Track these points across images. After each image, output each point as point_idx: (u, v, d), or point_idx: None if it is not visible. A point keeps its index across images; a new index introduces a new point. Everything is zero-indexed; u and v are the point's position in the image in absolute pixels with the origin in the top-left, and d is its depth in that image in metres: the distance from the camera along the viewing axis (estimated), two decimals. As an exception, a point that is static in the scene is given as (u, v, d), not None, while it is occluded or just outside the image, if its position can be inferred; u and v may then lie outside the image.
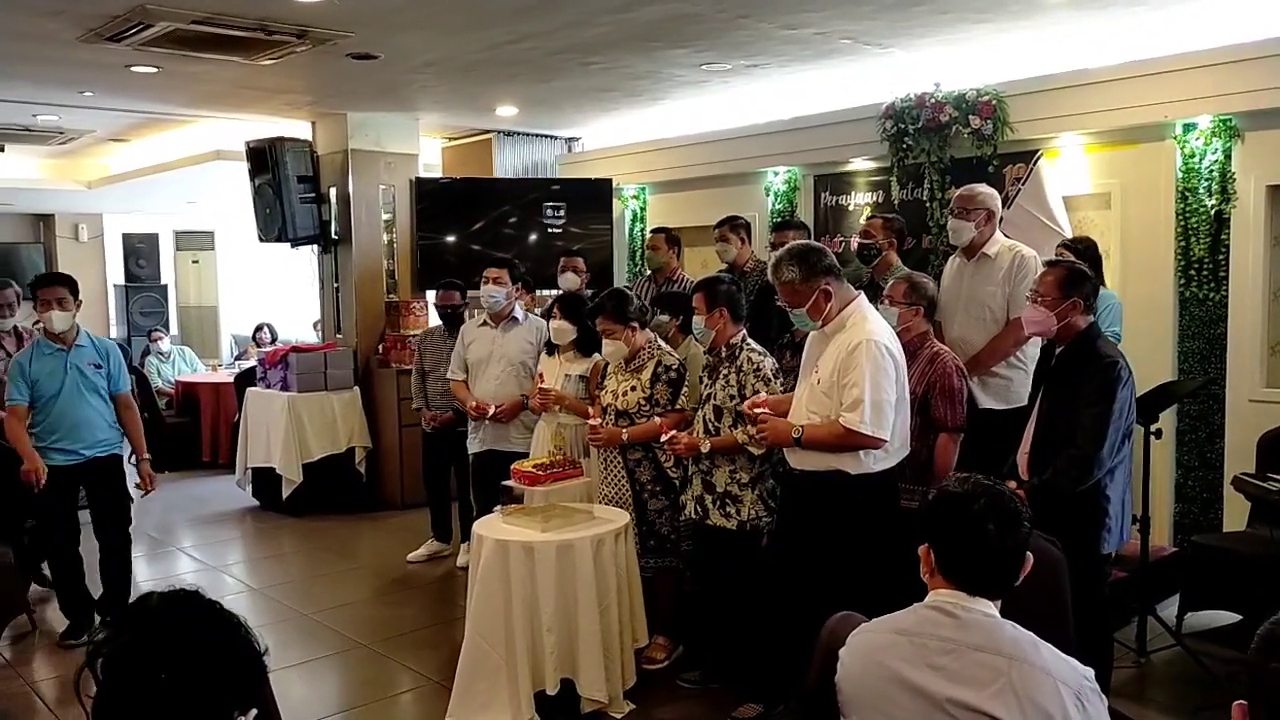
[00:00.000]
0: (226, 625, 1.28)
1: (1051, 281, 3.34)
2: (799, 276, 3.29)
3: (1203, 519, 4.91)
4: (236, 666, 1.28)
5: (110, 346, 4.76)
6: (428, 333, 6.13)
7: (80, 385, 4.55)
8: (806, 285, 3.29)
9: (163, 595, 1.28)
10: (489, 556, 3.65)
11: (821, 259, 3.32)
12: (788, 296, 3.35)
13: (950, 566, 1.80)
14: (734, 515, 3.76)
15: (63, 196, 11.15)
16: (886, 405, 3.18)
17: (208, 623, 1.27)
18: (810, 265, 3.29)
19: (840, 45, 5.18)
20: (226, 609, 1.33)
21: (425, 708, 4.01)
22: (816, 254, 3.34)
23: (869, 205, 6.35)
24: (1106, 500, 3.29)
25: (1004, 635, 1.71)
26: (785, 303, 3.39)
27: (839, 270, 3.35)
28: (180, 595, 1.28)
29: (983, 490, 1.83)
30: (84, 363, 4.58)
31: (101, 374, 4.63)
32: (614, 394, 4.20)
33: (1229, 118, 4.74)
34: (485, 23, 4.75)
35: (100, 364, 4.63)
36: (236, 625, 1.30)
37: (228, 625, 1.29)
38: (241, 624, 1.32)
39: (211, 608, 1.30)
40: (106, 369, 4.65)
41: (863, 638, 1.83)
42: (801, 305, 3.32)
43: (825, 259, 3.33)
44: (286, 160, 7.07)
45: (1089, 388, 3.22)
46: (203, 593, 1.31)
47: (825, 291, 3.28)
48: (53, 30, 4.76)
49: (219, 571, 5.87)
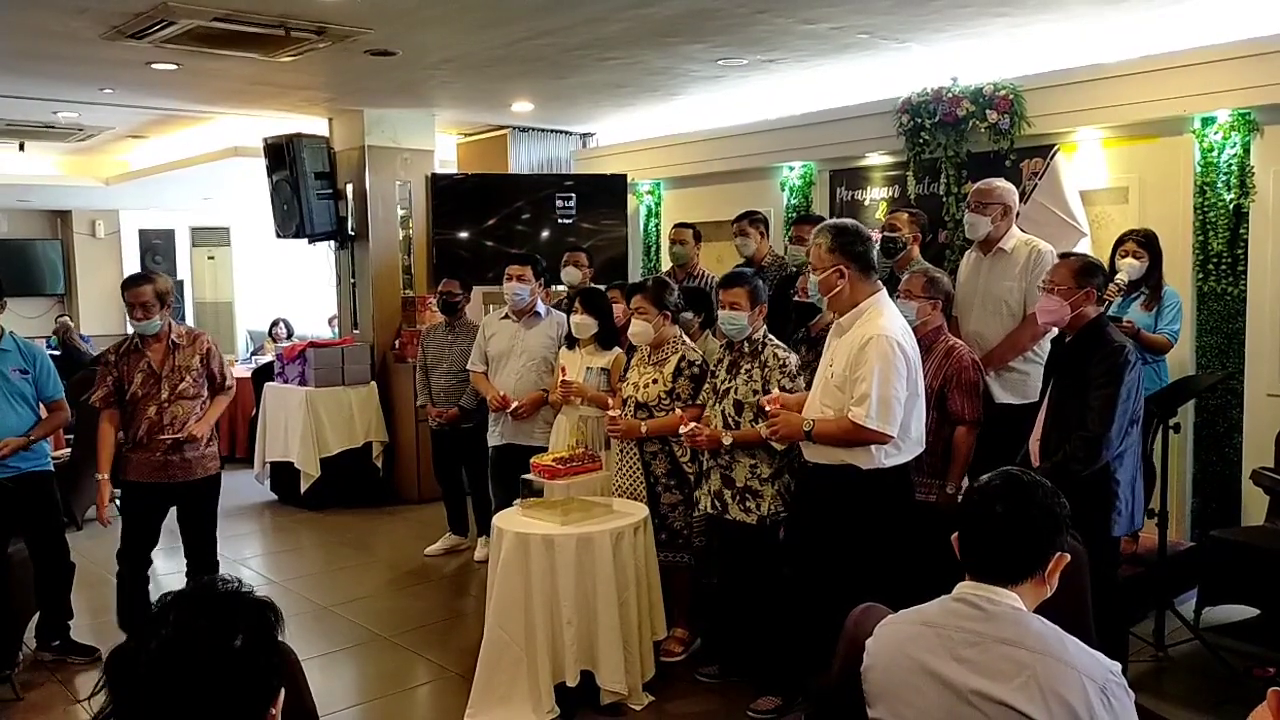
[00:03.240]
0: (266, 620, 1.30)
1: (1066, 271, 3.37)
2: (827, 245, 3.32)
3: (1221, 514, 4.90)
4: (275, 661, 1.30)
5: (37, 352, 4.40)
6: (430, 329, 6.15)
7: (3, 391, 4.19)
8: (829, 255, 3.31)
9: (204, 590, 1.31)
10: (509, 550, 3.68)
11: (853, 244, 3.32)
12: (813, 258, 3.39)
13: (965, 551, 1.82)
14: (754, 510, 3.78)
15: (80, 193, 11.21)
16: (895, 401, 3.19)
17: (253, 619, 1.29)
18: (841, 241, 3.31)
19: (857, 40, 5.18)
20: (260, 598, 1.35)
21: (444, 700, 4.04)
22: (853, 236, 3.34)
23: (885, 200, 6.35)
24: (1116, 484, 3.32)
25: (1030, 629, 1.72)
26: (810, 263, 3.43)
27: (868, 263, 3.34)
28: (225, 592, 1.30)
29: (1004, 478, 1.85)
30: (8, 369, 4.22)
31: (28, 380, 4.28)
32: (635, 386, 4.22)
33: (1248, 112, 4.73)
34: (504, 19, 4.77)
35: (26, 370, 4.28)
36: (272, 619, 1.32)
37: (267, 620, 1.31)
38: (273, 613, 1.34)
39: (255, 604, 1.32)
40: (33, 375, 4.31)
41: (890, 629, 1.85)
42: (818, 271, 3.36)
43: (857, 246, 3.32)
44: (304, 156, 7.11)
45: (1097, 371, 3.26)
46: (250, 590, 1.33)
47: (839, 271, 3.29)
48: (76, 28, 4.81)
49: (238, 565, 5.92)
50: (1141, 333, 4.32)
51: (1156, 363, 4.43)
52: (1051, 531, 1.81)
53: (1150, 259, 4.45)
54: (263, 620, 1.29)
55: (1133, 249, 4.44)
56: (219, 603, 1.28)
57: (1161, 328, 4.42)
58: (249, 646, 1.25)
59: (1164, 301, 4.45)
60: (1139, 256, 4.42)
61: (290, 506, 7.16)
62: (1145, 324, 4.39)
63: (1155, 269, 4.47)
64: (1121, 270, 4.40)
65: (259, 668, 1.26)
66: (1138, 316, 4.41)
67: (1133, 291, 4.47)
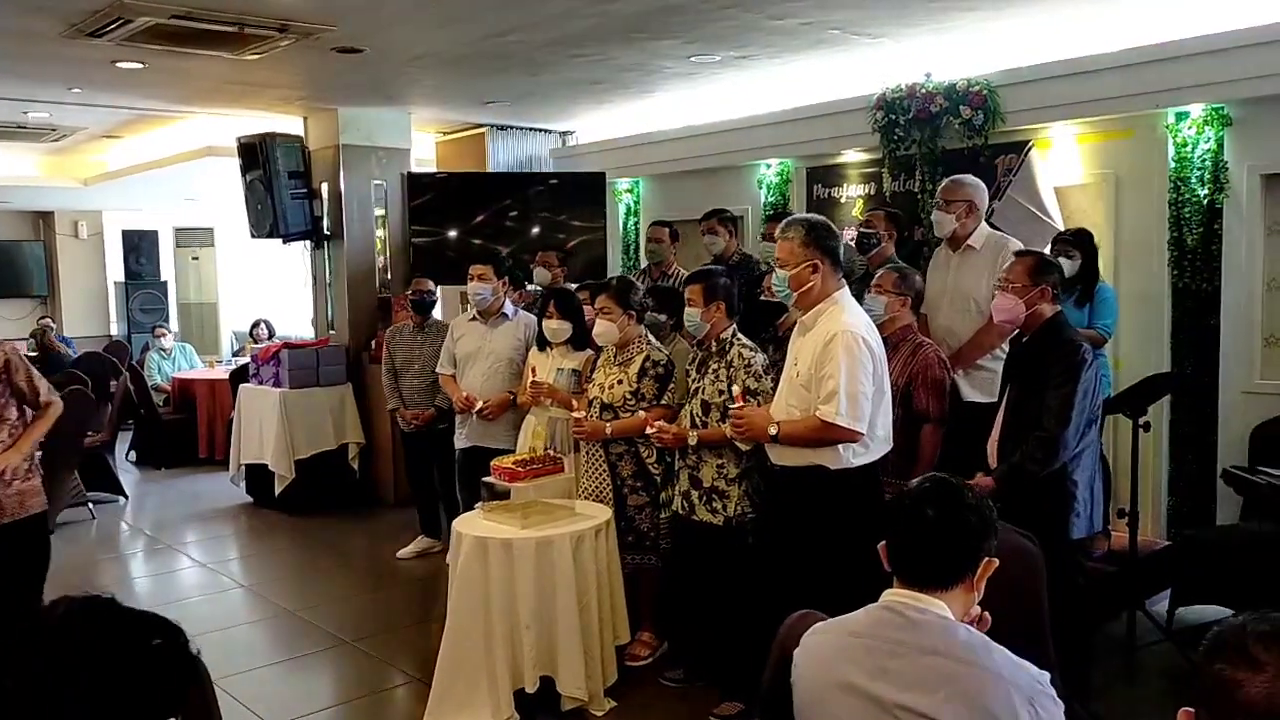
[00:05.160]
0: (139, 635, 1.25)
1: (1021, 269, 3.33)
2: (800, 239, 3.25)
3: (1197, 513, 4.85)
4: (151, 678, 1.24)
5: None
6: (395, 330, 6.07)
7: None
8: (804, 250, 3.24)
9: (68, 607, 1.25)
10: (468, 554, 3.63)
11: (828, 239, 3.29)
12: (782, 252, 3.31)
13: (894, 557, 1.77)
14: (720, 511, 3.73)
15: (60, 194, 11.15)
16: (863, 398, 3.14)
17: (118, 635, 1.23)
18: (815, 235, 3.26)
19: (829, 35, 5.12)
20: (147, 614, 1.30)
21: (405, 706, 4.00)
22: (826, 231, 3.31)
23: (861, 198, 6.30)
24: (1074, 484, 3.29)
25: (957, 639, 1.67)
26: (777, 259, 3.34)
27: (838, 259, 3.31)
28: (87, 606, 1.24)
29: (934, 481, 1.80)
30: None
31: None
32: (601, 386, 4.17)
33: (1221, 106, 4.68)
34: (468, 16, 4.71)
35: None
36: (151, 632, 1.26)
37: (140, 634, 1.25)
38: (160, 628, 1.28)
39: (124, 616, 1.26)
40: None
41: (815, 639, 1.79)
42: (788, 267, 3.27)
43: (832, 240, 3.30)
44: (277, 156, 7.04)
45: (1053, 371, 3.22)
46: (117, 600, 1.27)
47: (814, 265, 3.23)
48: (37, 27, 4.75)
49: (209, 568, 5.86)
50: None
51: (1096, 358, 4.44)
52: (982, 534, 1.76)
53: (1083, 257, 4.55)
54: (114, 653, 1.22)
55: (1065, 249, 4.55)
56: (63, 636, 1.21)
57: (1094, 323, 4.48)
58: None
59: (1097, 298, 4.53)
60: (1071, 255, 4.52)
61: (265, 509, 7.09)
62: (1078, 320, 4.41)
63: (1089, 266, 4.57)
64: None
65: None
66: (1071, 313, 4.41)
67: (1067, 290, 4.48)
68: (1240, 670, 1.20)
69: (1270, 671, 1.19)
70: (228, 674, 4.18)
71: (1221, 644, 1.25)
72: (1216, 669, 1.22)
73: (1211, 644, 1.27)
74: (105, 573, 5.84)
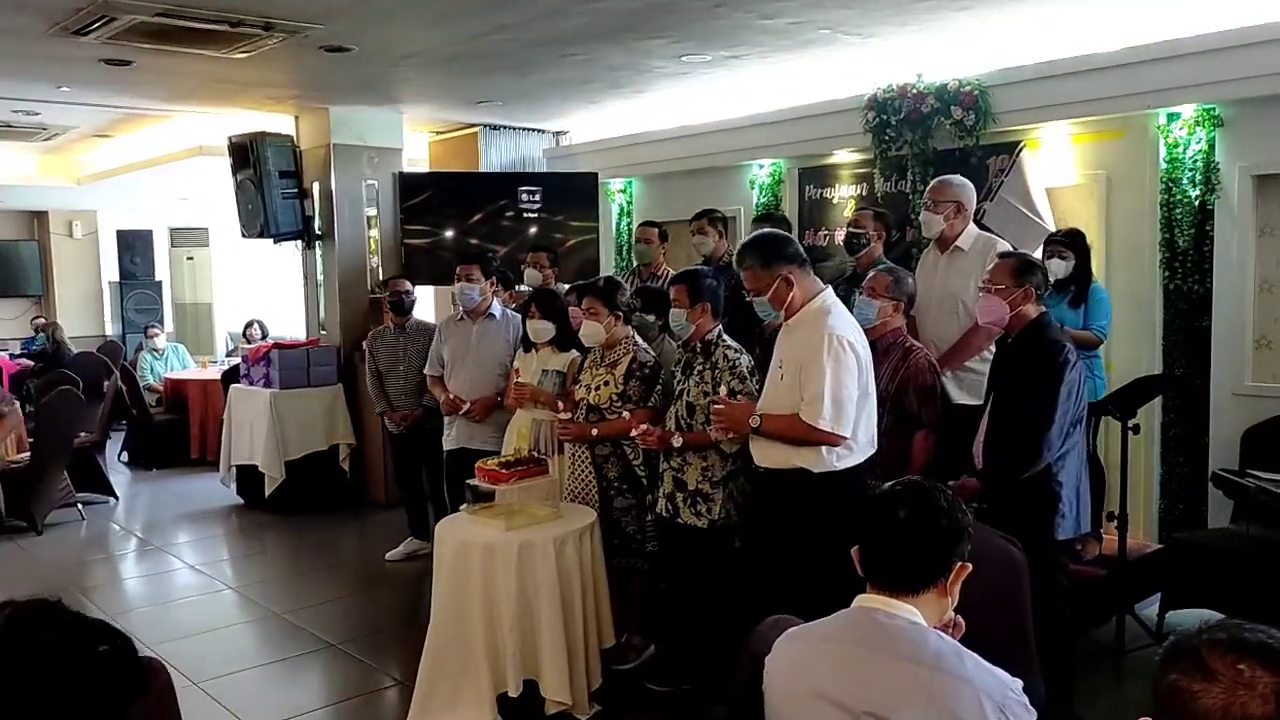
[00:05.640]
0: (84, 641, 1.22)
1: (1004, 270, 3.30)
2: (759, 262, 3.25)
3: (1188, 516, 4.83)
4: (95, 686, 1.21)
5: None
6: (377, 333, 6.04)
7: None
8: (767, 272, 3.23)
9: (11, 611, 1.22)
10: (450, 556, 3.61)
11: (784, 247, 3.28)
12: (750, 282, 3.30)
13: (866, 560, 1.75)
14: (705, 514, 3.70)
15: (56, 193, 11.13)
16: (848, 401, 3.11)
17: (62, 641, 1.20)
18: (772, 252, 3.25)
19: (819, 35, 5.09)
20: (93, 620, 1.27)
21: (399, 709, 3.94)
22: (779, 241, 3.30)
23: (853, 198, 6.28)
24: (1059, 485, 3.25)
25: (927, 644, 1.64)
26: (748, 289, 3.33)
27: (804, 260, 3.29)
28: (31, 610, 1.22)
29: (906, 484, 1.78)
30: None
31: None
32: (587, 388, 4.14)
33: (1212, 106, 4.66)
34: (457, 14, 4.68)
35: None
36: (97, 639, 1.24)
37: (86, 641, 1.22)
38: (107, 635, 1.25)
39: (70, 622, 1.23)
40: None
41: (787, 645, 1.77)
42: (763, 293, 3.27)
43: (789, 247, 3.29)
44: (268, 155, 7.01)
45: (1037, 372, 3.19)
46: (63, 604, 1.25)
47: (786, 280, 3.22)
48: (21, 24, 4.72)
49: (198, 570, 5.83)
50: (1068, 330, 4.30)
51: (1090, 359, 4.41)
52: (955, 538, 1.73)
53: (1076, 257, 4.51)
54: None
55: (1058, 250, 4.52)
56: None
57: (1089, 324, 4.46)
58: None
59: (1091, 299, 4.50)
60: (1064, 256, 4.51)
61: (256, 510, 7.06)
62: (1073, 322, 4.41)
63: (1082, 267, 4.54)
64: (1048, 271, 4.39)
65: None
66: (1065, 314, 4.42)
67: (1061, 291, 4.49)
68: (1195, 681, 1.18)
69: (1225, 682, 1.16)
70: (213, 677, 4.17)
71: (1177, 654, 1.23)
72: (1172, 679, 1.20)
73: (1168, 653, 1.24)
74: (93, 574, 5.81)
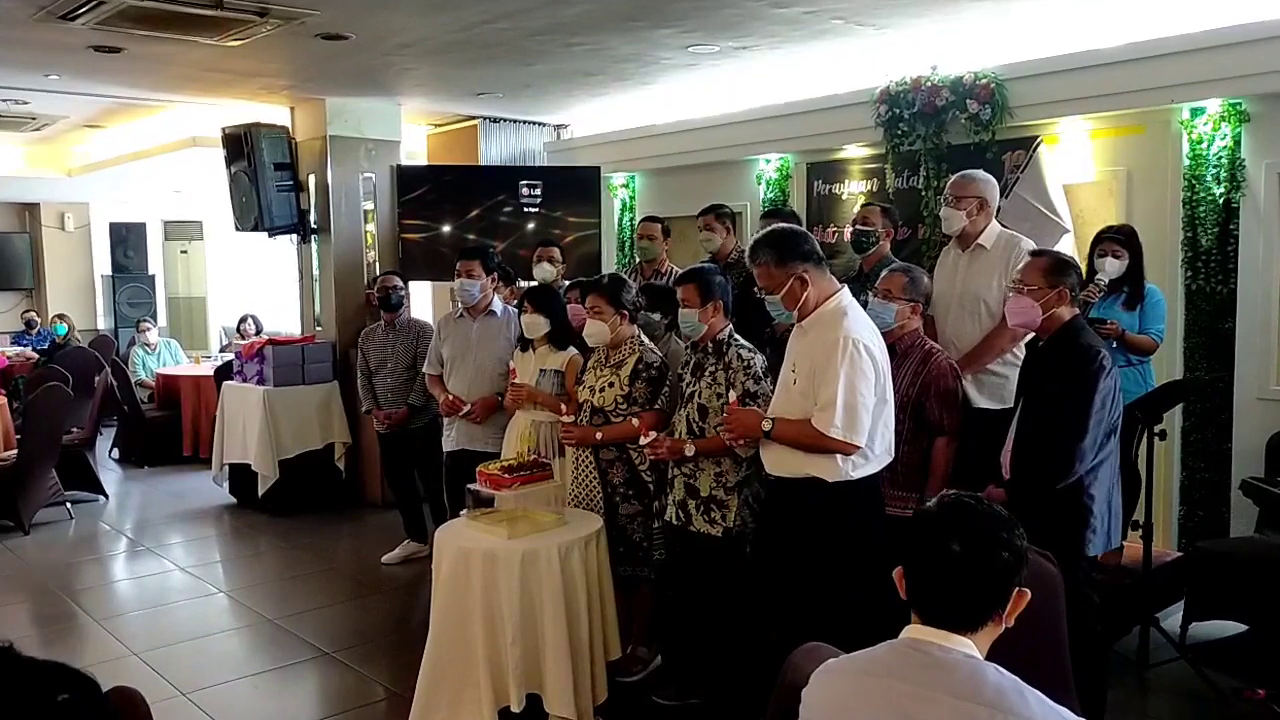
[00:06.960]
0: (42, 689, 1.07)
1: (1036, 270, 3.13)
2: (774, 259, 3.10)
3: (1210, 523, 4.69)
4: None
5: None
6: (368, 331, 5.91)
7: None
8: (782, 270, 3.08)
9: None
10: (450, 564, 3.46)
11: (801, 244, 3.12)
12: (763, 280, 3.15)
13: (915, 594, 1.59)
14: (719, 521, 3.54)
15: (47, 185, 10.97)
16: (862, 409, 2.96)
17: (17, 690, 1.06)
18: (788, 248, 3.10)
19: (832, 25, 4.94)
20: (54, 665, 1.12)
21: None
22: (795, 238, 3.15)
23: (863, 194, 6.13)
24: (1090, 499, 3.08)
25: (987, 681, 1.49)
26: (761, 287, 3.18)
27: (820, 258, 3.14)
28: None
29: (956, 507, 1.61)
30: None
31: None
32: (591, 389, 3.99)
33: (1238, 101, 4.52)
34: (456, 1, 4.52)
35: None
36: (57, 686, 1.09)
37: (44, 689, 1.07)
38: (69, 681, 1.11)
39: (25, 669, 1.08)
40: None
41: (826, 679, 1.61)
42: (776, 291, 3.11)
43: (805, 244, 3.13)
44: (263, 147, 6.84)
45: (1069, 378, 3.02)
46: (15, 649, 1.10)
47: (801, 279, 3.07)
48: (6, 8, 4.55)
49: (189, 572, 5.67)
50: (1126, 334, 4.14)
51: (1142, 365, 4.22)
52: (1014, 570, 1.58)
53: (1131, 257, 4.25)
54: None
55: (1112, 248, 4.25)
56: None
57: (1146, 328, 4.23)
58: None
59: (1147, 300, 4.26)
60: (1118, 255, 4.24)
61: (248, 510, 6.90)
62: (1129, 325, 4.20)
63: (1136, 267, 4.28)
64: (1101, 270, 4.21)
65: None
66: (1120, 317, 4.20)
67: (1114, 291, 4.27)
68: None
69: None
70: (201, 686, 4.03)
71: None
72: None
73: None
74: (81, 576, 5.64)
